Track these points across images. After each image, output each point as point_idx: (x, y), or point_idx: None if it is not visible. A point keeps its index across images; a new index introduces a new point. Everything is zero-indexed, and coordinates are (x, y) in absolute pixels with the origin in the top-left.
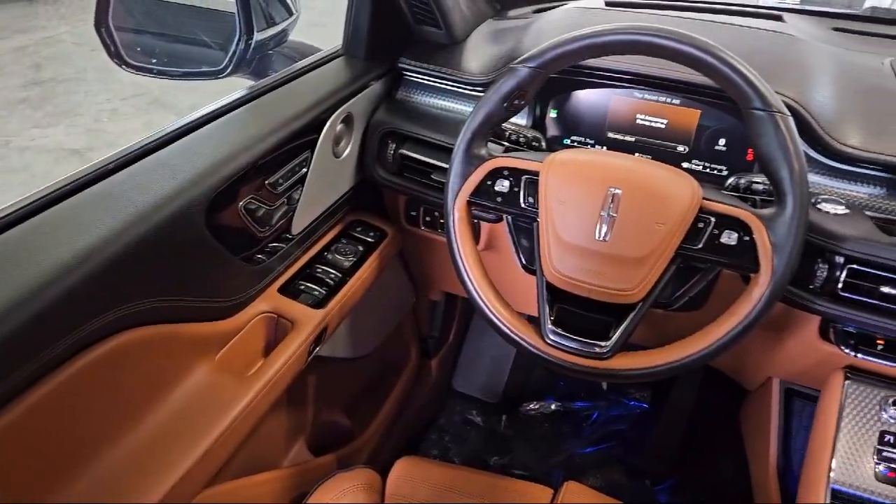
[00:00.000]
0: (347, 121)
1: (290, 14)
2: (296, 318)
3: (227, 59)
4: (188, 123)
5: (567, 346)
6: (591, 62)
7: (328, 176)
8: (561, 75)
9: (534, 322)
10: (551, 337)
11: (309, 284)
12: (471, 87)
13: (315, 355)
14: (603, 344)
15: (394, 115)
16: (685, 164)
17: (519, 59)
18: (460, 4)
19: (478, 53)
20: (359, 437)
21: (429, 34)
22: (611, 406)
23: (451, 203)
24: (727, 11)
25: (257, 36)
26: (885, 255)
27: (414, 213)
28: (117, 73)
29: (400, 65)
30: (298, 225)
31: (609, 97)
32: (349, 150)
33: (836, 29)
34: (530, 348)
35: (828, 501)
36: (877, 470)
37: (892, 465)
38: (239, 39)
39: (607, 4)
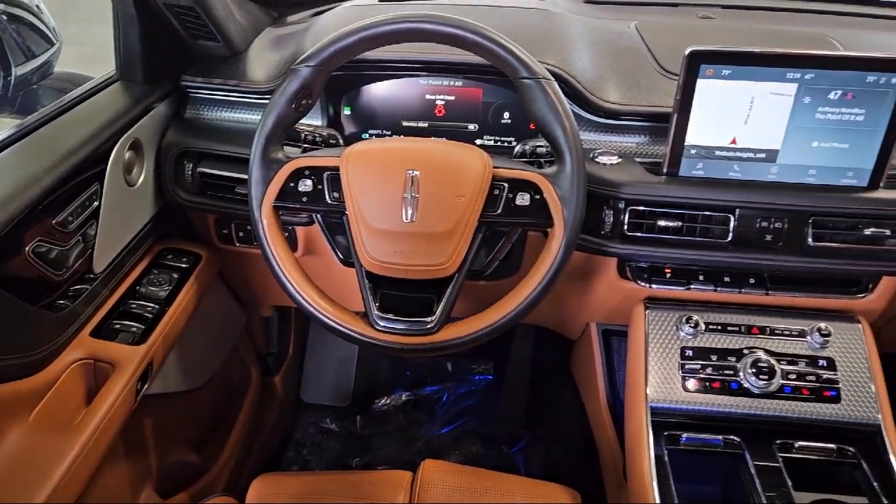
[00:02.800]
0: (136, 147)
1: (52, 44)
2: (115, 360)
3: None
4: None
5: (396, 328)
6: (376, 55)
7: (125, 207)
8: (348, 71)
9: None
10: (380, 323)
11: (125, 322)
12: (259, 96)
13: (145, 394)
14: (429, 319)
15: (185, 134)
16: (478, 141)
17: (299, 60)
18: (234, 15)
19: (261, 61)
20: (211, 469)
21: (208, 48)
22: (458, 384)
23: (258, 211)
24: None
25: (16, 71)
26: (655, 193)
27: (226, 231)
28: None
29: (182, 83)
30: (101, 262)
31: (398, 87)
32: (143, 176)
33: (587, 1)
34: (363, 338)
35: (648, 420)
36: (684, 383)
37: (692, 374)
38: None
39: (380, 0)
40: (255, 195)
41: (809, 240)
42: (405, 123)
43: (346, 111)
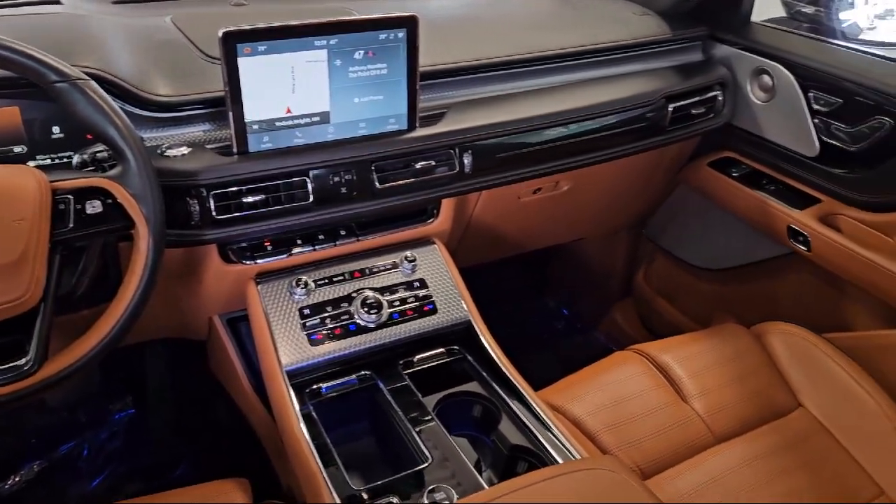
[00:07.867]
0: None
1: None
2: None
3: None
4: None
5: None
6: None
7: None
8: None
9: None
10: None
11: None
12: None
13: None
14: (23, 361)
15: None
16: (31, 163)
17: None
18: None
19: None
20: None
21: None
22: (98, 431)
23: None
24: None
25: None
26: (231, 172)
27: None
28: None
29: None
30: None
31: None
32: None
33: (116, 2)
34: None
35: (288, 385)
36: (309, 339)
37: (314, 330)
38: None
39: None
40: None
41: (377, 184)
42: None
43: None
